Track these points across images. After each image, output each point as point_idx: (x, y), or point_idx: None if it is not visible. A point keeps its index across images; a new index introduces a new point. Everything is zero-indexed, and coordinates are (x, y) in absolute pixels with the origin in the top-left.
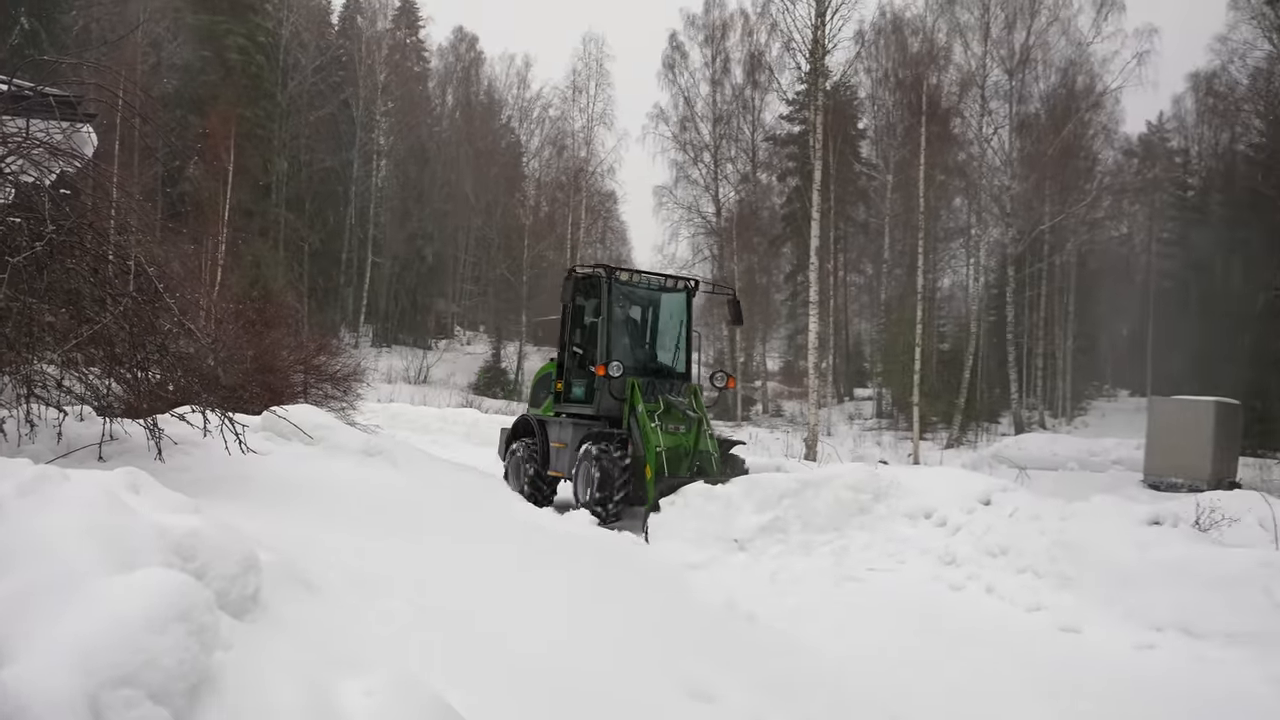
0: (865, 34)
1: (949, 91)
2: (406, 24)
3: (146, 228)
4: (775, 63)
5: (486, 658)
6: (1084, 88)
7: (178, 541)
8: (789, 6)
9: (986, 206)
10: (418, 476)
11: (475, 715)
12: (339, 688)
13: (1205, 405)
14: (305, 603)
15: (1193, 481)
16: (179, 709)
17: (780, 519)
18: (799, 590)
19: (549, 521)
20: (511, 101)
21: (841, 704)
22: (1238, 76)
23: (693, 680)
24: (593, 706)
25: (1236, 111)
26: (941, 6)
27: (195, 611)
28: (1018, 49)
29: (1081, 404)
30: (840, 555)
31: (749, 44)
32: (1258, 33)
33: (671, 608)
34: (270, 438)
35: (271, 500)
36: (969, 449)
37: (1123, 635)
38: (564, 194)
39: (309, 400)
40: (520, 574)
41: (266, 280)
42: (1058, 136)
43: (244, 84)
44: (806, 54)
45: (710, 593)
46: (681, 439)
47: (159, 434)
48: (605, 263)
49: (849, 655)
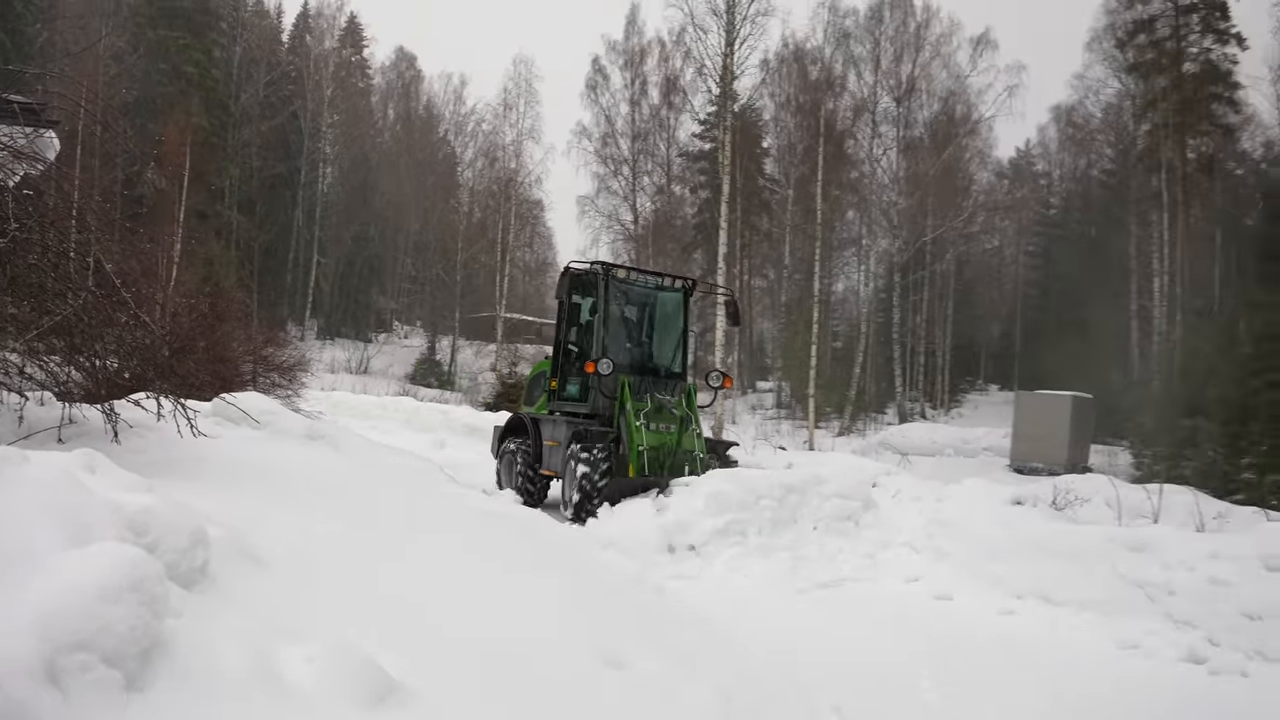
0: (769, 62)
1: (843, 116)
2: (351, 43)
3: (106, 227)
4: (688, 86)
5: (418, 627)
6: (962, 115)
7: (131, 518)
8: (701, 36)
9: (876, 219)
10: (357, 459)
11: (406, 678)
12: (282, 653)
13: (1063, 399)
14: (252, 575)
15: (1051, 466)
16: (131, 671)
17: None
18: (709, 574)
19: (478, 501)
20: (448, 116)
21: (747, 670)
22: (1093, 110)
23: (607, 649)
24: (514, 670)
25: (1091, 141)
26: (837, 39)
27: (147, 582)
28: (905, 79)
29: (958, 397)
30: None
31: (665, 69)
32: (1109, 72)
33: (588, 581)
34: (220, 422)
35: (221, 480)
36: (858, 437)
37: (989, 602)
38: (495, 201)
39: (257, 388)
40: (450, 550)
41: (219, 277)
42: (939, 158)
43: (200, 96)
44: (717, 79)
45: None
46: (668, 438)
47: (115, 418)
48: (603, 260)
49: (751, 626)
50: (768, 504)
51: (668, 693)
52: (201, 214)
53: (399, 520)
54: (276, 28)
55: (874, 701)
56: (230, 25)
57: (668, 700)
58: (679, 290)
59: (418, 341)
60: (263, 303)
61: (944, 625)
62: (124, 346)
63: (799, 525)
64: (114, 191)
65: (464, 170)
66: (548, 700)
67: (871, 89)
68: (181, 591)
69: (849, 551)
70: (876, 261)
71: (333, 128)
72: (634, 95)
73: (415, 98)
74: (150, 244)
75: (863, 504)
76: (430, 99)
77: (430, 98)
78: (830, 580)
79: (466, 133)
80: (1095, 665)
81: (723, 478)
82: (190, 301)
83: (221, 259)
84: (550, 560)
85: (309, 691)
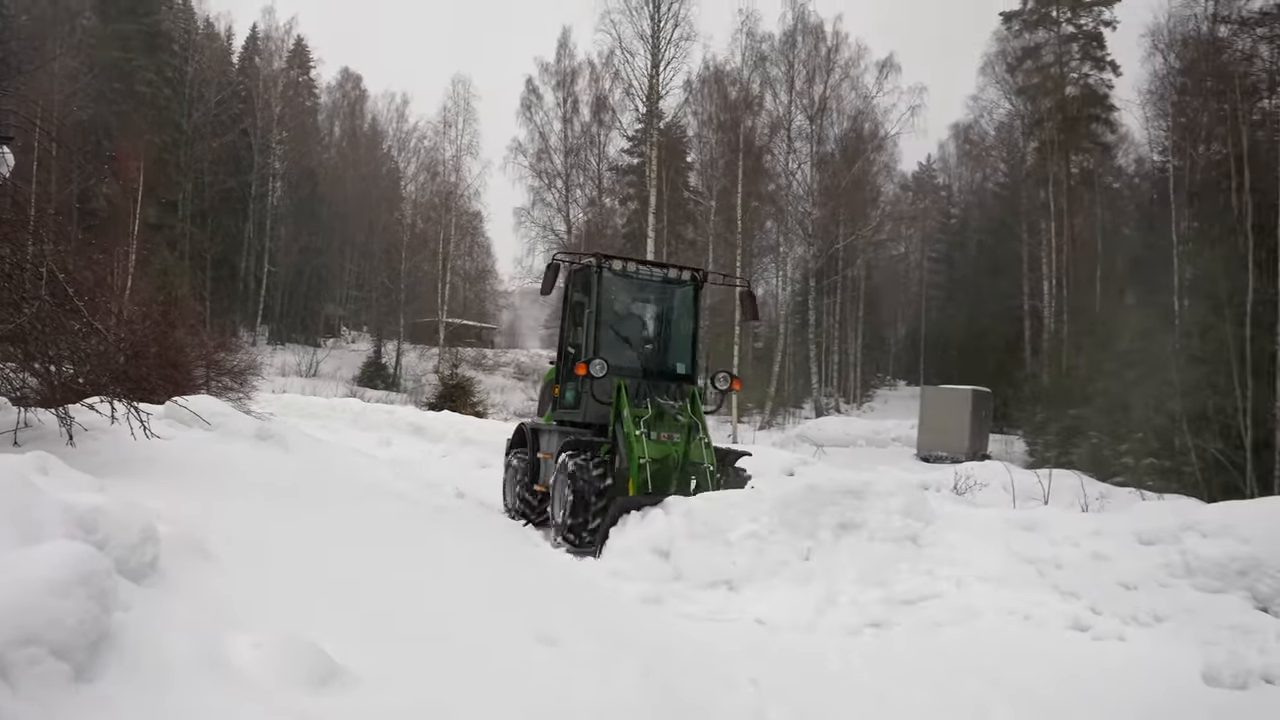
0: (692, 83)
1: (761, 132)
2: (299, 64)
3: (61, 239)
4: (617, 105)
5: (361, 613)
6: (869, 132)
7: (81, 516)
8: (629, 59)
9: (792, 229)
10: (305, 457)
11: (349, 662)
12: (229, 641)
13: (964, 393)
14: (201, 569)
15: (954, 454)
16: (80, 663)
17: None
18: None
19: (423, 495)
20: (391, 133)
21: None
22: (987, 128)
23: (541, 630)
24: (452, 651)
25: (986, 156)
26: (755, 62)
27: (95, 577)
28: (817, 99)
29: (869, 392)
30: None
31: (595, 88)
32: (1001, 94)
33: (524, 569)
34: (173, 424)
35: (172, 479)
36: (778, 430)
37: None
38: (436, 213)
39: (209, 391)
40: (393, 541)
41: (172, 286)
42: (849, 172)
43: (152, 114)
44: (643, 99)
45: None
46: (672, 449)
47: (70, 421)
48: (600, 251)
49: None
50: (802, 520)
51: (595, 667)
52: (155, 226)
53: (344, 515)
54: (226, 49)
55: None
56: (182, 47)
57: (594, 674)
58: (687, 283)
59: (364, 346)
60: (215, 310)
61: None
62: (78, 353)
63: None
64: (69, 205)
65: (406, 184)
66: (483, 677)
67: (786, 108)
68: (131, 585)
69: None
70: (793, 268)
71: (282, 144)
72: (566, 113)
73: (360, 115)
74: (104, 255)
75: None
76: (374, 116)
77: (374, 115)
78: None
79: (409, 148)
80: (990, 634)
81: (748, 490)
82: (144, 310)
83: (175, 269)
84: (490, 549)
85: (255, 677)
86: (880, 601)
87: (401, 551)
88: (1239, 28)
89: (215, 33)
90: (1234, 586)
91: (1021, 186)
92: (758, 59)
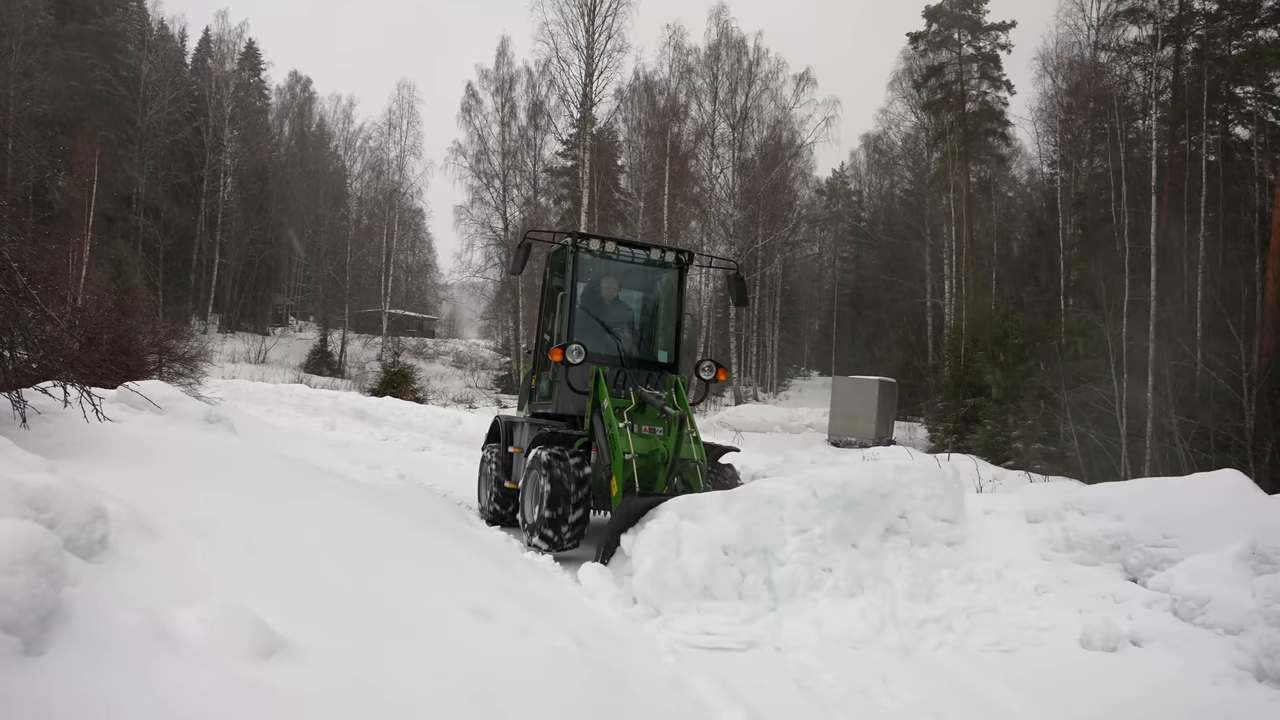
0: (623, 91)
1: (687, 139)
2: (250, 66)
3: (16, 230)
4: (552, 111)
5: (301, 587)
6: (787, 141)
7: (31, 495)
8: (564, 67)
9: (715, 229)
10: (253, 441)
11: (291, 634)
12: (175, 615)
13: (871, 383)
14: (148, 546)
15: (862, 440)
16: (29, 637)
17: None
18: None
19: (365, 477)
20: (338, 133)
21: (592, 618)
22: (894, 139)
23: (475, 603)
24: (389, 622)
25: (893, 165)
26: (681, 73)
27: (44, 554)
28: (739, 109)
29: (785, 381)
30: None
31: (532, 95)
32: (907, 108)
33: (460, 545)
34: (124, 408)
35: (123, 460)
36: (700, 416)
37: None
38: (380, 210)
39: (161, 377)
40: (334, 521)
41: (126, 276)
42: (768, 177)
43: (107, 111)
44: (577, 105)
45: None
46: (658, 443)
47: (23, 405)
48: (575, 229)
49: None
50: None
51: (527, 636)
52: (110, 218)
53: (288, 496)
54: (180, 50)
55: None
56: (136, 48)
57: (527, 643)
58: (671, 265)
59: (311, 334)
60: (168, 299)
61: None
62: (31, 339)
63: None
64: (25, 197)
65: (352, 182)
66: (419, 646)
67: (710, 116)
68: (80, 562)
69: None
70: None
71: (233, 142)
72: (504, 117)
73: (309, 116)
74: (59, 246)
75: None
76: (322, 117)
77: (322, 116)
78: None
79: (355, 148)
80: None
81: (777, 483)
82: (98, 298)
83: (129, 260)
84: (427, 528)
85: (201, 649)
86: (934, 619)
87: (342, 531)
88: (1117, 55)
89: (169, 34)
90: (1107, 559)
91: (925, 193)
92: (684, 70)
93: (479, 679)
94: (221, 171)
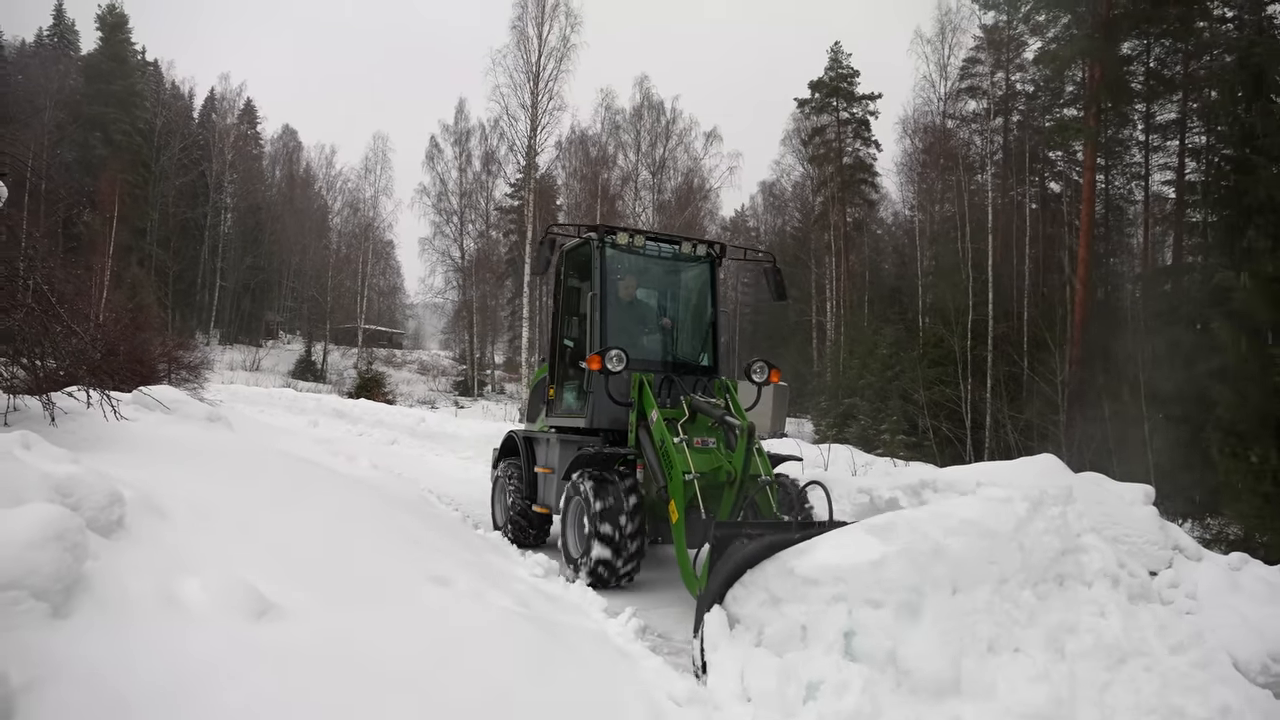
0: (562, 144)
1: (615, 183)
2: (248, 120)
3: (47, 258)
4: (502, 159)
5: (289, 559)
6: (698, 186)
7: (58, 483)
8: (513, 123)
9: None
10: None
11: (280, 599)
12: (181, 584)
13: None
14: (158, 526)
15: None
16: (57, 603)
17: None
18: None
19: (343, 467)
20: (322, 176)
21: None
22: (786, 186)
23: (435, 572)
24: (363, 589)
25: (785, 207)
26: (611, 129)
27: (69, 533)
28: (658, 159)
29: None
30: None
31: (485, 145)
32: (796, 160)
33: (425, 525)
34: (138, 409)
35: (137, 453)
36: None
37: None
38: (357, 241)
39: (170, 382)
40: (317, 504)
41: (141, 297)
42: (682, 215)
43: (126, 157)
44: (523, 155)
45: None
46: (720, 459)
47: (51, 406)
48: (600, 223)
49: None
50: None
51: (479, 600)
52: (127, 248)
53: (277, 482)
54: (189, 107)
55: None
56: (152, 104)
57: (478, 605)
58: (703, 258)
59: (298, 346)
60: (176, 316)
61: None
62: (59, 350)
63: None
64: (55, 230)
65: (333, 217)
66: (387, 608)
67: (634, 165)
68: (100, 539)
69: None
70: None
71: (232, 184)
72: (461, 164)
73: (297, 162)
74: (83, 271)
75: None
76: (308, 163)
77: (308, 162)
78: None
79: (336, 189)
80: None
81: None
82: (116, 315)
83: (143, 283)
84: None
85: (203, 612)
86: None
87: (323, 512)
88: (960, 122)
89: (180, 93)
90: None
91: (811, 230)
92: (613, 127)
93: (438, 634)
94: (222, 209)
